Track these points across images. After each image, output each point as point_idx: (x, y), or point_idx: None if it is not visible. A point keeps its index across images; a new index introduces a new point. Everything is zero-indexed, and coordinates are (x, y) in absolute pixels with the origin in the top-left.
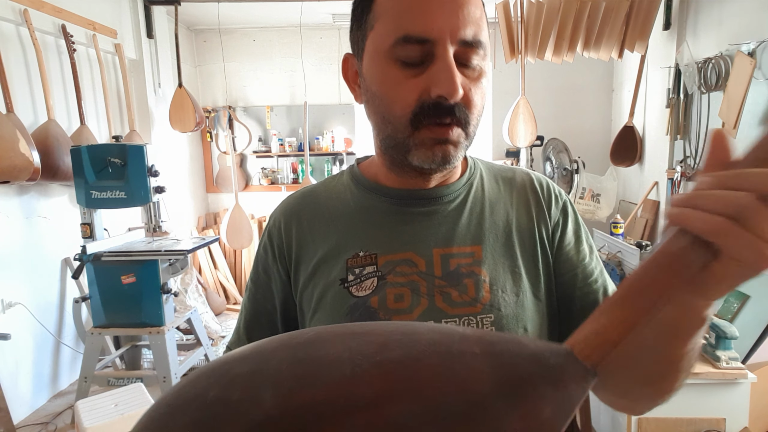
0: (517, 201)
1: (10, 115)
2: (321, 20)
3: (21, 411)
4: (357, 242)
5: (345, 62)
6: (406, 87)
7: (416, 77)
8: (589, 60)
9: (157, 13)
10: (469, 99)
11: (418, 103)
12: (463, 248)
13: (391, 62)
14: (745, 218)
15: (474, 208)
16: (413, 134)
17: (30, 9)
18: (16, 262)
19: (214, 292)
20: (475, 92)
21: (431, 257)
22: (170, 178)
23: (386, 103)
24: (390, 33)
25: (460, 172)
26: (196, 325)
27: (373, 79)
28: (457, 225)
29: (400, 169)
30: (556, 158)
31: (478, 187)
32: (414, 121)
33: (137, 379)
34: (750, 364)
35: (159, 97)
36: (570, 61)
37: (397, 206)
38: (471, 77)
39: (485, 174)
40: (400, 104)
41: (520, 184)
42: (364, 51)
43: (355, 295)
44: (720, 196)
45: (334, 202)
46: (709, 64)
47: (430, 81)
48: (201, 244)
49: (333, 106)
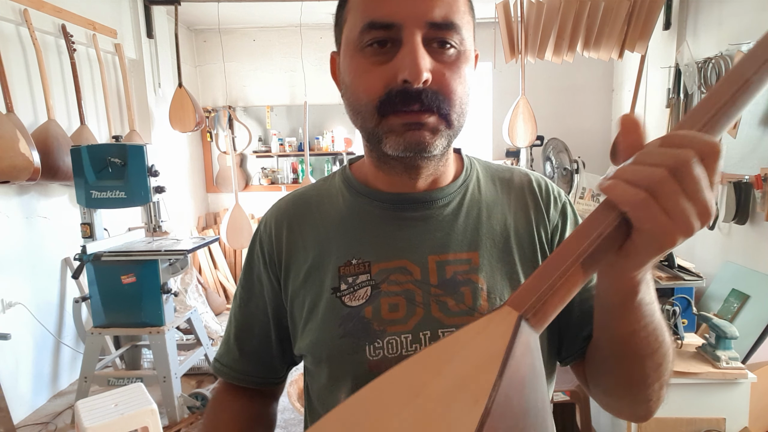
0: (516, 204)
1: (10, 115)
2: (321, 20)
3: (21, 411)
4: (349, 249)
5: (332, 61)
6: (373, 75)
7: (383, 65)
8: (589, 60)
9: (157, 13)
10: (443, 84)
11: (385, 91)
12: (459, 255)
13: (359, 52)
14: (657, 193)
15: (470, 212)
16: (381, 122)
17: (30, 9)
18: (16, 262)
19: (214, 292)
20: (451, 77)
21: (426, 264)
22: (170, 178)
23: (355, 93)
24: (358, 22)
25: (456, 174)
26: (196, 325)
27: (345, 70)
28: (453, 230)
29: (386, 165)
30: (556, 158)
31: (475, 190)
32: (380, 108)
33: (137, 379)
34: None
35: (159, 97)
36: (570, 61)
37: (390, 211)
38: (446, 62)
39: (482, 175)
40: (366, 92)
41: (518, 186)
42: (341, 45)
43: (348, 305)
44: (638, 170)
45: (326, 207)
46: (709, 64)
47: (395, 67)
48: (201, 244)
49: (333, 106)
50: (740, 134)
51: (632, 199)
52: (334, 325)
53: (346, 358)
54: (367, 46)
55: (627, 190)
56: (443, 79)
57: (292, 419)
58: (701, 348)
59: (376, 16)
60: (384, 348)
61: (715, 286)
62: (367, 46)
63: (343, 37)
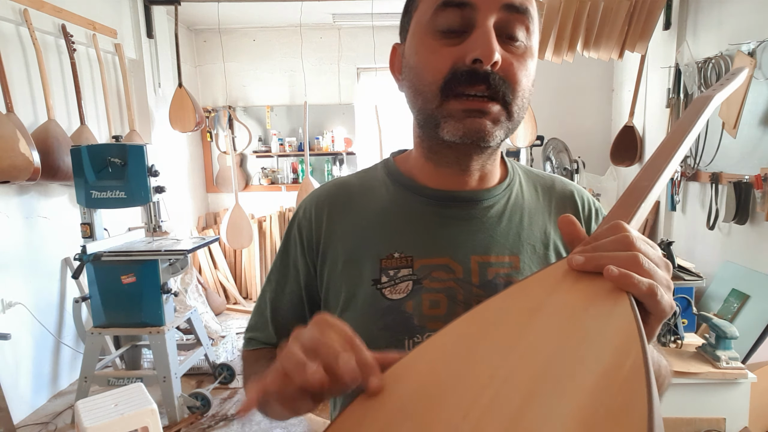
0: (556, 213)
1: (10, 115)
2: (321, 20)
3: (21, 411)
4: (391, 242)
5: (392, 52)
6: (440, 54)
7: (453, 46)
8: (589, 60)
9: (157, 13)
10: (510, 72)
11: (451, 71)
12: (501, 258)
13: (430, 32)
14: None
15: (513, 216)
16: (442, 105)
17: (30, 9)
18: (16, 262)
19: (214, 292)
20: (518, 67)
21: (469, 264)
22: (170, 178)
23: (419, 73)
24: (431, 4)
25: (501, 177)
26: (196, 325)
27: (411, 52)
28: (496, 233)
29: (437, 155)
30: (556, 158)
31: (518, 194)
32: (444, 89)
33: (137, 379)
34: (750, 364)
35: (159, 97)
36: (570, 61)
37: (435, 207)
38: (515, 53)
39: (524, 180)
40: (431, 72)
41: (560, 196)
42: (408, 32)
43: (388, 298)
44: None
45: (369, 197)
46: (709, 64)
47: (467, 48)
48: (201, 244)
49: (333, 106)
50: (740, 134)
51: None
52: (374, 316)
53: (383, 350)
54: (438, 30)
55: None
56: (511, 67)
57: (292, 419)
58: (701, 348)
59: None
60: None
61: (715, 286)
62: (439, 29)
63: (413, 21)
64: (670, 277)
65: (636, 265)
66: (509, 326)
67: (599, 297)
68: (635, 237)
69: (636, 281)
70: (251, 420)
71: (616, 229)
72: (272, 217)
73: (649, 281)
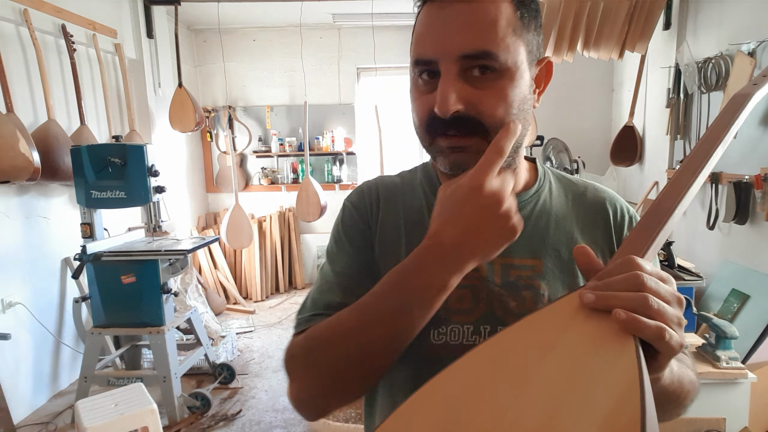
0: (585, 219)
1: (10, 115)
2: (321, 20)
3: (21, 411)
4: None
5: None
6: (420, 102)
7: (428, 94)
8: (589, 60)
9: (157, 13)
10: (479, 109)
11: (429, 117)
12: (524, 260)
13: (414, 81)
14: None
15: (539, 221)
16: (432, 143)
17: (30, 9)
18: (16, 262)
19: (214, 292)
20: (488, 101)
21: (492, 265)
22: (170, 178)
23: (412, 115)
24: (411, 58)
25: (529, 183)
26: (196, 325)
27: (409, 97)
28: (520, 236)
29: (448, 177)
30: (556, 158)
31: (546, 201)
32: (428, 131)
33: (137, 379)
34: (750, 364)
35: (159, 97)
36: (570, 61)
37: None
38: (485, 86)
39: (554, 186)
40: (417, 116)
41: (591, 203)
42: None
43: None
44: (625, 296)
45: (409, 197)
46: (709, 64)
47: (434, 98)
48: (201, 244)
49: (333, 106)
50: (740, 134)
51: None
52: None
53: None
54: (418, 78)
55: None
56: (479, 104)
57: (292, 419)
58: (701, 348)
59: (418, 53)
60: (447, 334)
61: (715, 286)
62: (418, 77)
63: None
64: (683, 311)
65: (645, 306)
66: (522, 362)
67: (608, 340)
68: (647, 275)
69: (643, 325)
70: (251, 420)
71: (628, 265)
72: (272, 217)
73: (656, 324)
